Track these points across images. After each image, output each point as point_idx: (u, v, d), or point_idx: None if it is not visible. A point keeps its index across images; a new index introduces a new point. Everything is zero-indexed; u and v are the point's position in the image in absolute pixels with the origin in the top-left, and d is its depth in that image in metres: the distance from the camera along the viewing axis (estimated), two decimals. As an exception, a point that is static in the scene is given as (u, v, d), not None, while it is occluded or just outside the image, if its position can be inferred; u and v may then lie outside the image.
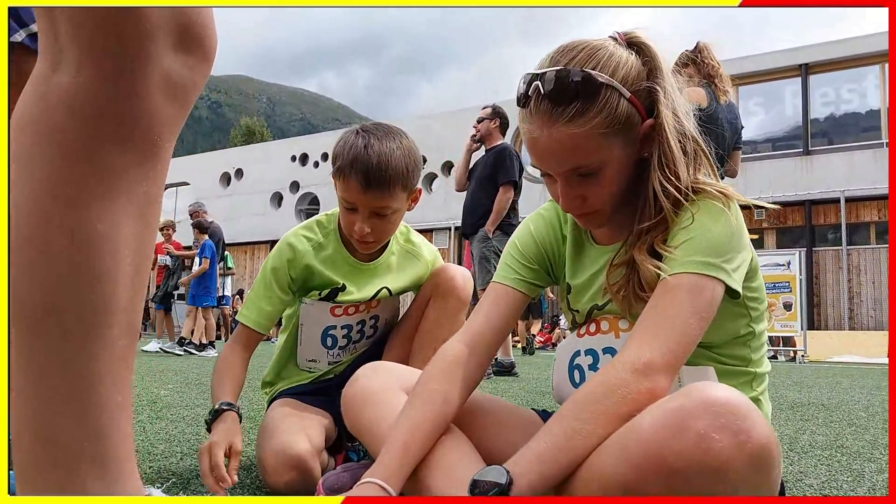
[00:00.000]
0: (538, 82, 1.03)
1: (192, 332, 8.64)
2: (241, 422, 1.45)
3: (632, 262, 1.08)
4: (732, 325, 1.11)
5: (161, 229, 9.54)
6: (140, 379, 4.16)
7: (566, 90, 1.01)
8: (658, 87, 1.07)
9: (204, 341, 8.65)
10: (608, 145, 1.03)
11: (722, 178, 3.78)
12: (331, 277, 1.66)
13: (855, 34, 17.41)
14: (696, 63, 3.59)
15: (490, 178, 5.13)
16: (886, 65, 15.89)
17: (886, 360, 12.10)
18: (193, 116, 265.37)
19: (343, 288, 1.67)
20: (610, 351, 1.16)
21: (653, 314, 0.98)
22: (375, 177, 1.47)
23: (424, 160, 22.79)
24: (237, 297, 22.70)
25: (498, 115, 5.27)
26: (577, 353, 1.21)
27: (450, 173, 22.31)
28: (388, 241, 1.71)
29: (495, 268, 5.36)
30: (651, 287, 1.03)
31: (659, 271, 1.02)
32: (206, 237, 8.70)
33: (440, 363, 1.14)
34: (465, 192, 5.44)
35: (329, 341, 1.71)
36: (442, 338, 1.59)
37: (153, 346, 8.41)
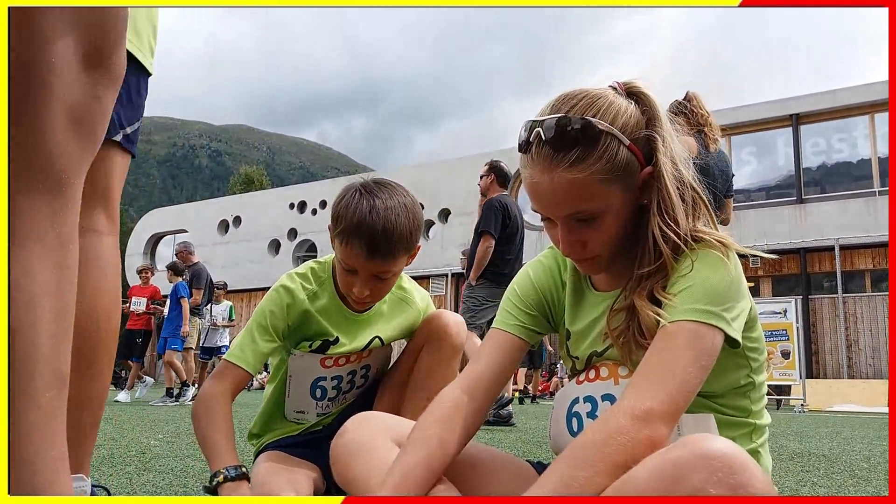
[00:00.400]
0: (539, 129, 1.04)
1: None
2: None
3: (632, 307, 1.08)
4: (733, 375, 1.10)
5: (139, 272, 9.25)
6: (130, 429, 4.09)
7: (567, 136, 1.02)
8: (657, 136, 1.08)
9: (180, 384, 8.23)
10: (608, 191, 1.04)
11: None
12: (325, 327, 1.63)
13: (843, 85, 17.76)
14: (686, 112, 3.65)
15: (478, 229, 5.37)
16: (876, 115, 16.18)
17: (886, 410, 11.97)
18: (193, 165, 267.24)
19: (336, 340, 1.64)
20: (609, 398, 1.14)
21: (653, 361, 0.97)
22: (381, 245, 1.44)
23: (422, 207, 22.92)
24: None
25: (493, 170, 5.52)
26: (576, 401, 1.20)
27: (447, 220, 22.43)
28: None
29: (473, 316, 5.43)
30: (651, 334, 1.03)
31: (659, 318, 1.01)
32: (179, 279, 8.35)
33: (438, 408, 1.12)
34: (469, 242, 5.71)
35: (318, 392, 1.67)
36: (435, 386, 1.56)
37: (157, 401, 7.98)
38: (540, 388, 16.95)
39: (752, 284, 17.07)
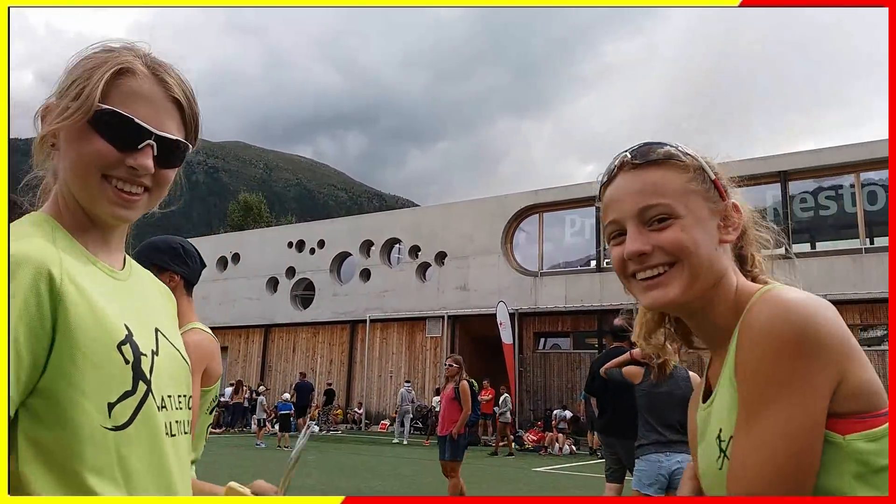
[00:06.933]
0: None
1: None
2: None
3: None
4: None
5: None
6: None
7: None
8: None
9: None
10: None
11: None
12: None
13: (828, 145, 18.12)
14: None
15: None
16: (861, 174, 16.62)
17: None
18: (190, 181, 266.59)
19: None
20: None
21: None
22: None
23: (418, 249, 23.31)
24: (231, 386, 22.52)
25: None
26: None
27: (443, 263, 22.73)
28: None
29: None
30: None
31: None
32: None
33: None
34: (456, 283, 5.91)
35: None
36: None
37: None
38: (534, 438, 17.19)
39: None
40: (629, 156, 1.03)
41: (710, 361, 1.08)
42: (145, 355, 0.96)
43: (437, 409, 18.34)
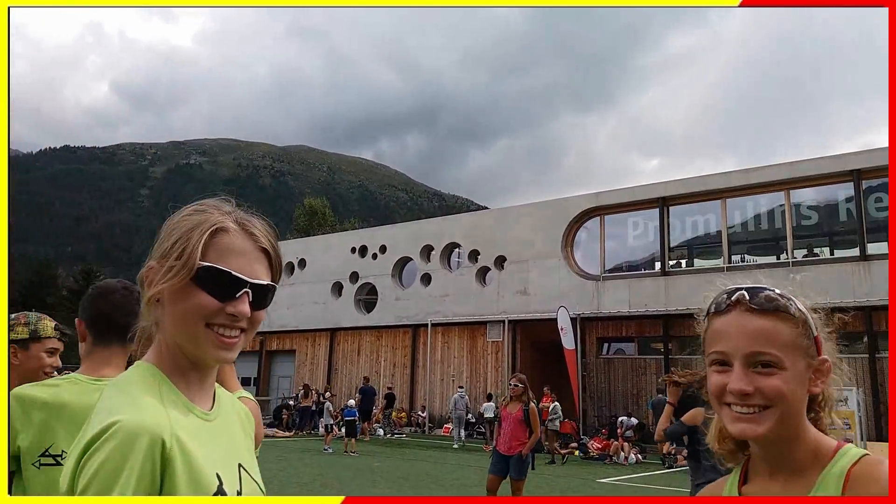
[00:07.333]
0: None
1: None
2: None
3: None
4: None
5: None
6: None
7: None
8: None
9: None
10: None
11: None
12: None
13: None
14: None
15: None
16: (942, 171, 15.75)
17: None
18: (257, 185, 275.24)
19: None
20: None
21: None
22: None
23: (478, 254, 23.44)
24: (301, 391, 23.14)
25: None
26: None
27: (503, 267, 22.76)
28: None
29: None
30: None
31: None
32: None
33: None
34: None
35: None
36: None
37: None
38: (599, 446, 17.04)
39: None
40: (747, 297, 1.13)
41: (748, 476, 1.20)
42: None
43: (486, 414, 18.64)
